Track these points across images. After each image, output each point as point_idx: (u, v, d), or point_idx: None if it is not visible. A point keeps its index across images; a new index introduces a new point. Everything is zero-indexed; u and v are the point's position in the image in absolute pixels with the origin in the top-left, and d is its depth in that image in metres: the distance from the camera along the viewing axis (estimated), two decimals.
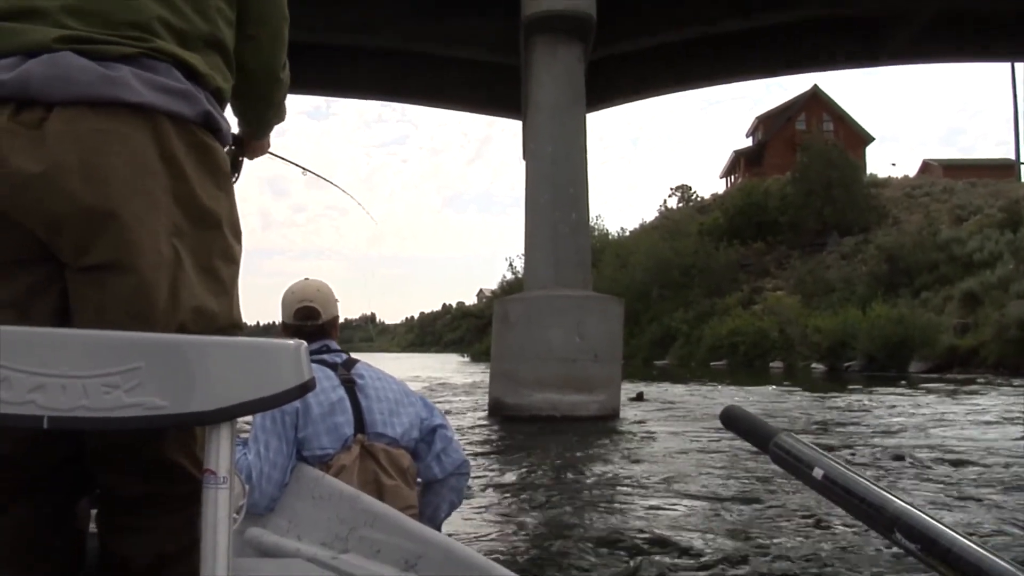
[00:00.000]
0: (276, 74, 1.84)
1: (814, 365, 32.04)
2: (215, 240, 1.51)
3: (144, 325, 1.36)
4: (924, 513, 0.94)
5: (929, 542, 0.91)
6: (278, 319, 3.12)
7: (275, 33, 1.77)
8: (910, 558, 0.93)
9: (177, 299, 1.42)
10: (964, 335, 26.99)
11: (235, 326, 1.55)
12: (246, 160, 2.08)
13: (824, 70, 24.66)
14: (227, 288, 1.54)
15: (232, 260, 1.56)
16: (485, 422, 12.89)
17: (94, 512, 1.62)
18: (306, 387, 1.11)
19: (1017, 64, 48.35)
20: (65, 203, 1.34)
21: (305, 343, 1.13)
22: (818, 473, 1.06)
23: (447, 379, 27.84)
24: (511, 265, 75.30)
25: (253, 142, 2.05)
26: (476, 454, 8.75)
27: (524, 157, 16.68)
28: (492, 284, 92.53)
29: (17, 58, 1.36)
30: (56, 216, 1.34)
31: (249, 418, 2.48)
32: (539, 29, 15.19)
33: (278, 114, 2.01)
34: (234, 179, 2.01)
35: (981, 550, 0.88)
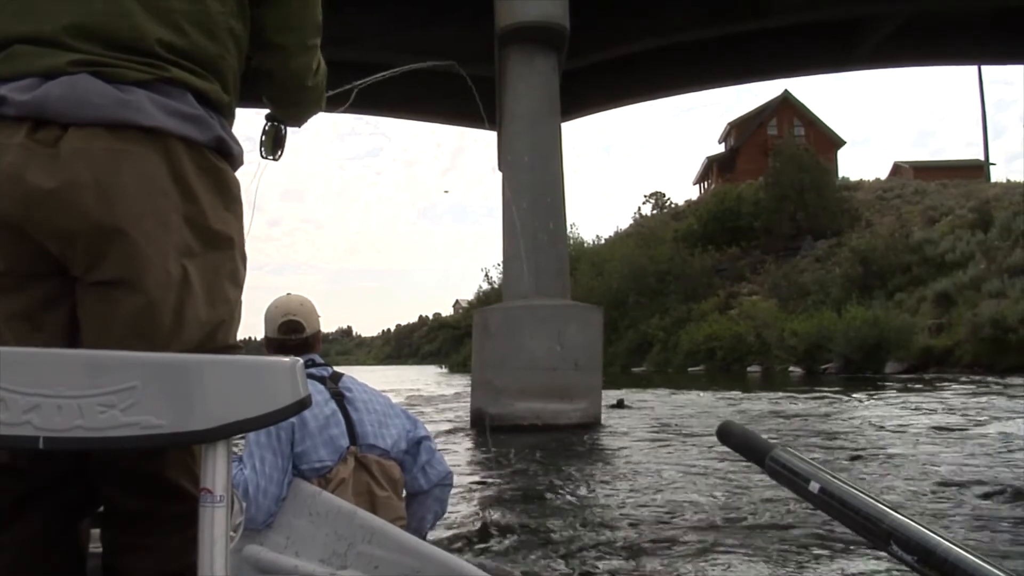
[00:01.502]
0: (303, 81, 1.84)
1: (791, 368, 32.15)
2: (224, 262, 1.54)
3: (148, 342, 1.39)
4: (920, 525, 0.94)
5: (925, 553, 0.91)
6: (255, 335, 3.13)
7: (302, 41, 1.77)
8: (907, 570, 0.94)
9: (182, 318, 1.45)
10: (938, 335, 27.20)
11: (233, 347, 1.57)
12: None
13: (797, 75, 24.89)
14: (231, 309, 1.56)
15: (238, 283, 1.58)
16: (468, 433, 12.87)
17: (95, 532, 1.62)
18: (303, 404, 1.10)
19: (984, 67, 48.93)
20: (77, 219, 1.37)
21: (300, 360, 1.13)
22: (814, 487, 1.06)
23: (427, 391, 27.71)
24: (487, 275, 75.30)
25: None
26: (460, 465, 8.72)
27: (500, 167, 16.68)
28: (468, 295, 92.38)
29: (35, 79, 1.40)
30: (68, 231, 1.37)
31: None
32: (514, 40, 15.22)
33: (312, 110, 2.01)
34: (278, 155, 2.04)
35: (977, 560, 0.88)
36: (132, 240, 1.39)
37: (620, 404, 16.70)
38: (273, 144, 2.04)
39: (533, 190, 14.87)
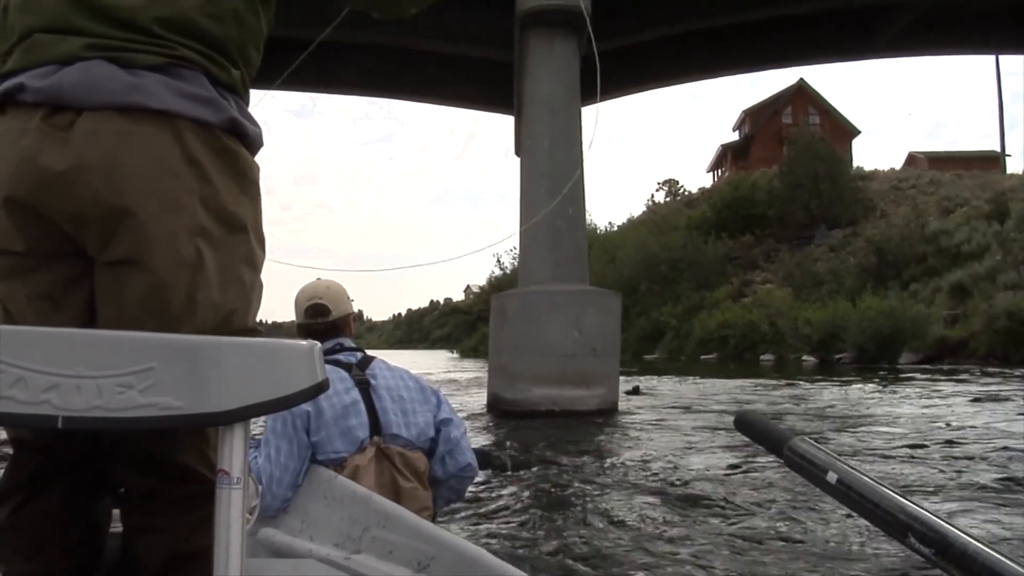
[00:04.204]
0: None
1: (805, 357, 32.10)
2: (240, 244, 1.54)
3: (160, 322, 1.40)
4: (938, 517, 0.93)
5: (943, 546, 0.90)
6: (267, 317, 3.13)
7: None
8: (925, 562, 0.93)
9: (194, 300, 1.46)
10: (953, 326, 27.15)
11: (251, 330, 1.58)
12: None
13: (816, 63, 24.76)
14: (247, 292, 1.57)
15: (255, 266, 1.59)
16: (484, 418, 12.87)
17: (116, 512, 1.64)
18: (320, 388, 1.10)
19: (1001, 57, 48.56)
20: (87, 200, 1.39)
21: (319, 344, 1.13)
22: (832, 477, 1.05)
23: (440, 375, 27.73)
24: (499, 261, 75.08)
25: None
26: (477, 451, 8.69)
27: (518, 152, 16.66)
28: (479, 280, 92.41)
29: (53, 67, 1.43)
30: (79, 213, 1.40)
31: (263, 419, 2.48)
32: (534, 24, 15.17)
33: None
34: None
35: (995, 554, 0.87)
36: (140, 220, 1.41)
37: (636, 391, 16.70)
38: None
39: (552, 175, 14.83)
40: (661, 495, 6.19)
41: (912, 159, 64.47)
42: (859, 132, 65.90)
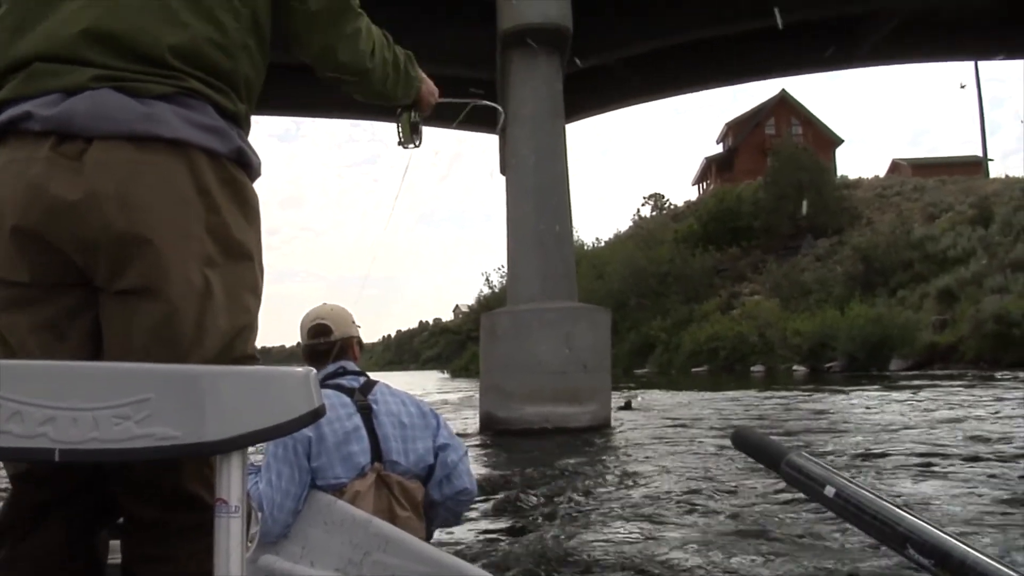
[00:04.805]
0: (361, 69, 1.86)
1: (795, 367, 32.17)
2: (245, 273, 1.55)
3: (171, 351, 1.41)
4: (937, 529, 0.94)
5: (942, 557, 0.90)
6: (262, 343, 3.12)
7: (338, 35, 1.77)
8: (925, 574, 0.93)
9: (203, 327, 1.46)
10: (942, 331, 27.25)
11: (251, 358, 1.59)
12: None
13: (801, 73, 24.90)
14: (250, 320, 1.57)
15: (257, 294, 1.60)
16: (479, 438, 12.81)
17: (114, 543, 1.63)
18: (316, 414, 1.10)
19: (980, 63, 48.95)
20: (100, 229, 1.39)
21: (314, 370, 1.13)
22: (830, 491, 1.05)
23: (432, 396, 27.61)
24: (487, 280, 74.99)
25: (412, 103, 2.15)
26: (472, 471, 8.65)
27: (502, 171, 16.69)
28: (468, 300, 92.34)
29: (59, 95, 1.42)
30: (91, 241, 1.40)
31: (262, 445, 2.47)
32: (516, 43, 15.22)
33: (399, 87, 2.03)
34: (418, 142, 2.09)
35: (995, 563, 0.87)
36: (155, 248, 1.41)
37: (627, 406, 16.65)
38: (410, 131, 2.14)
39: (538, 192, 14.85)
40: (657, 513, 6.16)
41: (896, 166, 64.74)
42: (842, 141, 66.23)
